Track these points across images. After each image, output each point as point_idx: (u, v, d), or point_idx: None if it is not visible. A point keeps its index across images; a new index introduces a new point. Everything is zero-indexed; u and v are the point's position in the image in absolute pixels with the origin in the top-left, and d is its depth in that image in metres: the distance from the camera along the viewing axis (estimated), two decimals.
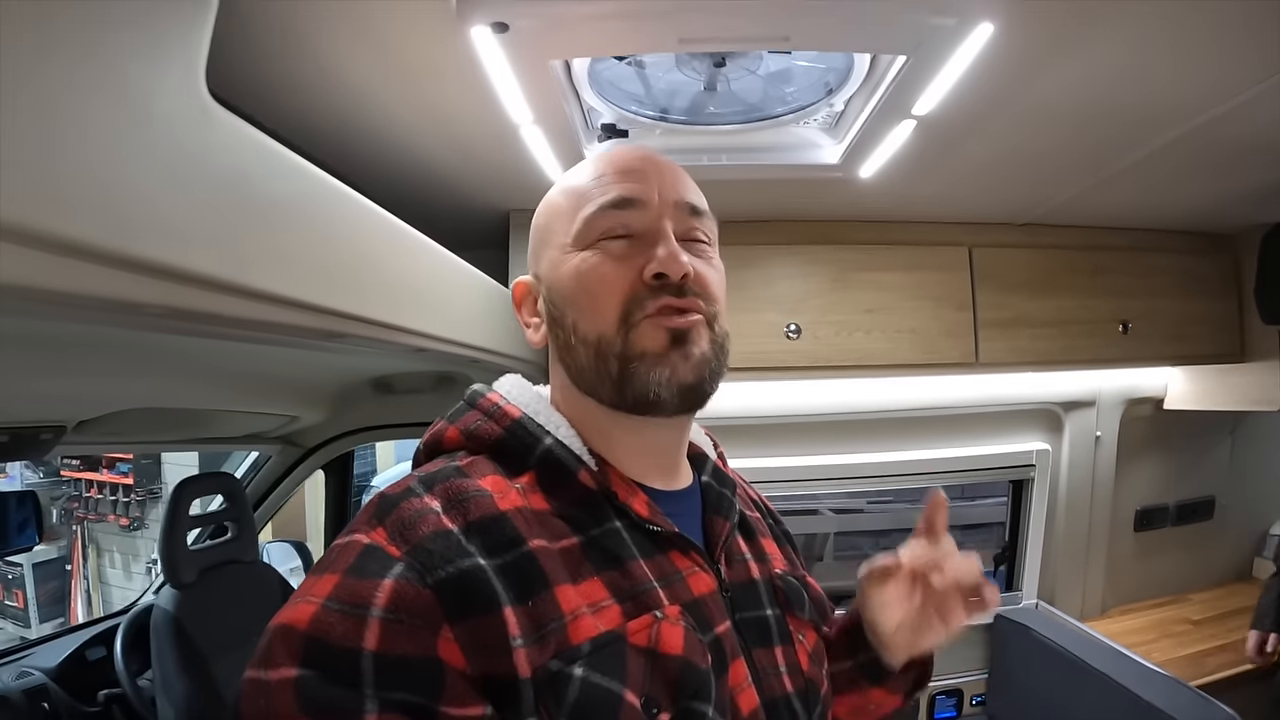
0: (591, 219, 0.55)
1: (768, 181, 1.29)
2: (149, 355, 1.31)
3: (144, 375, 1.41)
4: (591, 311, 0.54)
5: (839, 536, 2.52)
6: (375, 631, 0.41)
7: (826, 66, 1.02)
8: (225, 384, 1.62)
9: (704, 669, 0.49)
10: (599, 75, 1.01)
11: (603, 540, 0.51)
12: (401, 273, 0.84)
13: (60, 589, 5.25)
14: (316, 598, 0.42)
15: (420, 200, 1.41)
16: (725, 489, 0.64)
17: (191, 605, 1.67)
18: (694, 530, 0.59)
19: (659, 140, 1.16)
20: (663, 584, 0.52)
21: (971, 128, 1.12)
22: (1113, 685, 1.58)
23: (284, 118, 1.04)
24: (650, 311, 0.53)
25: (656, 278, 0.53)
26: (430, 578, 0.43)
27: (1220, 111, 1.12)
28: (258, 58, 0.86)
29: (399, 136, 1.12)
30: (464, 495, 0.48)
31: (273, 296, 0.57)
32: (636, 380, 0.53)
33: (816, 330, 1.67)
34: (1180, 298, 1.88)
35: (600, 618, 0.47)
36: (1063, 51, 0.93)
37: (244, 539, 1.91)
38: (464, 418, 0.57)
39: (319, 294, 0.64)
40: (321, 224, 0.64)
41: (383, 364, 1.76)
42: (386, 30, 0.81)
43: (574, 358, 0.56)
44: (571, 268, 0.56)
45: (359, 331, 0.72)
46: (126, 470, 5.15)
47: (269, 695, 0.40)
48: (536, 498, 0.51)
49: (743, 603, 0.58)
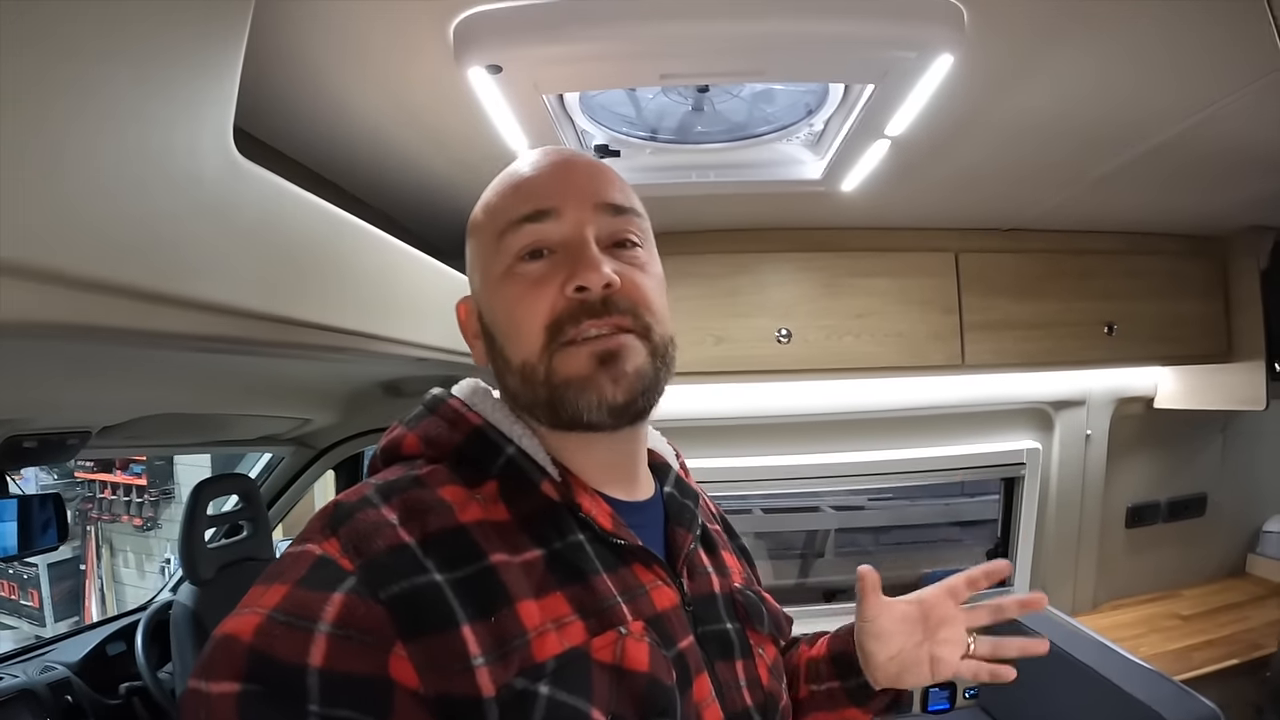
0: (507, 237, 0.53)
1: (754, 195, 1.35)
2: (172, 367, 1.37)
3: (166, 384, 1.47)
4: (515, 338, 0.53)
5: (840, 533, 2.56)
6: (322, 647, 0.39)
7: (805, 89, 1.08)
8: (242, 390, 1.68)
9: (669, 685, 0.48)
10: (590, 101, 1.07)
11: (565, 554, 0.50)
12: (407, 292, 0.91)
13: (75, 588, 5.34)
14: (263, 608, 0.41)
15: (424, 213, 1.48)
16: (688, 500, 0.63)
17: (209, 601, 1.73)
18: (656, 542, 0.58)
19: (649, 159, 1.22)
20: (626, 598, 0.50)
21: (945, 145, 1.17)
22: (1097, 678, 1.62)
23: (305, 147, 1.11)
24: (572, 337, 0.51)
25: (578, 290, 0.50)
26: (383, 593, 0.42)
27: (1188, 125, 1.14)
28: (276, 94, 0.93)
29: (405, 158, 1.19)
30: (423, 506, 0.47)
31: (290, 320, 0.64)
32: (566, 405, 0.51)
33: (807, 334, 1.72)
34: (1166, 299, 1.91)
35: (564, 634, 0.46)
36: (1025, 73, 0.97)
37: (259, 537, 1.97)
38: (423, 424, 0.55)
39: (333, 316, 0.71)
40: (335, 254, 0.71)
41: (390, 370, 1.82)
42: (388, 68, 0.88)
43: (510, 384, 0.55)
44: (495, 293, 0.54)
45: (367, 347, 0.79)
46: (140, 472, 5.23)
47: (209, 708, 0.38)
48: (498, 508, 0.50)
49: (704, 617, 0.57)
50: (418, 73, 0.87)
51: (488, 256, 0.55)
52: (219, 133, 0.52)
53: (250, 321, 0.59)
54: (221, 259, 0.52)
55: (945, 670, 0.64)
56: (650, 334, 0.53)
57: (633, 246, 0.55)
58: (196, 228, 0.49)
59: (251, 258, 0.55)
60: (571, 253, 0.52)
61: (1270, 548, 2.43)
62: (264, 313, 0.58)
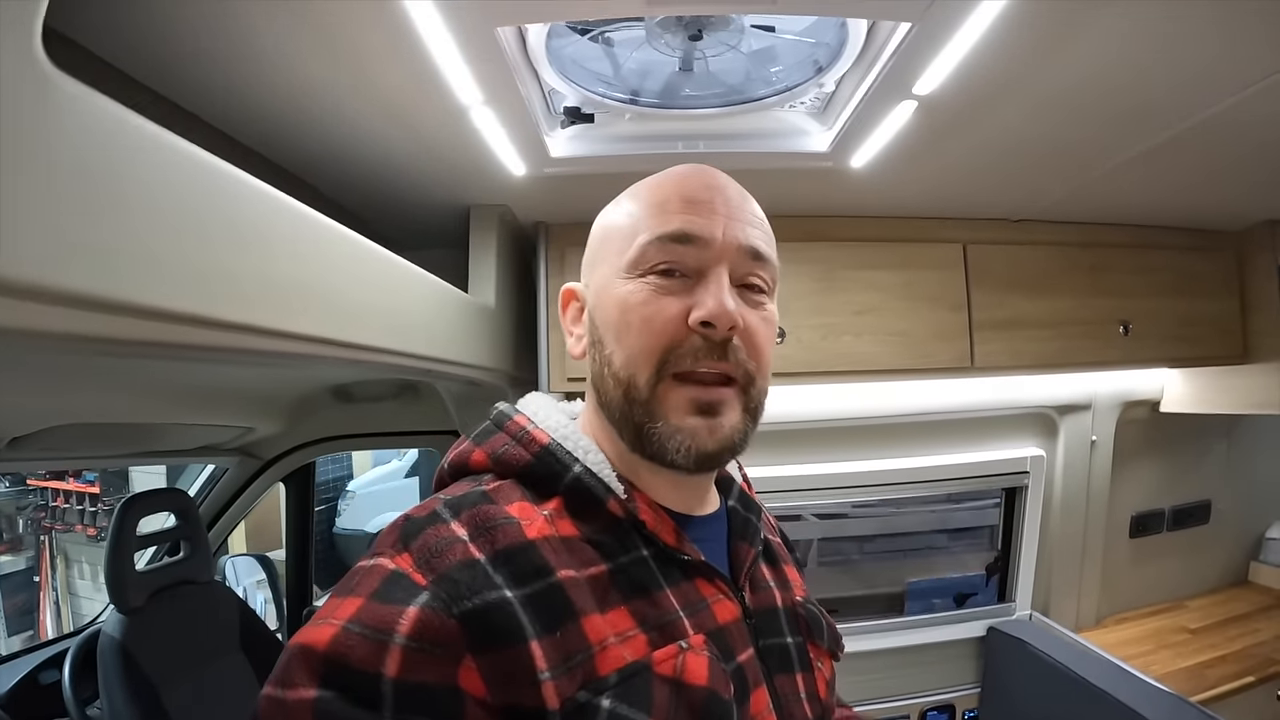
0: (646, 248, 0.53)
1: (749, 172, 1.18)
2: (83, 370, 1.20)
3: (79, 390, 1.31)
4: (628, 348, 0.53)
5: (822, 543, 2.45)
6: (397, 658, 0.41)
7: (816, 41, 0.92)
8: (169, 397, 1.52)
9: (727, 699, 0.49)
10: (560, 52, 0.90)
11: (630, 569, 0.51)
12: (345, 282, 0.74)
13: (29, 601, 5.09)
14: (338, 620, 0.42)
15: (370, 194, 1.30)
16: (751, 514, 0.64)
17: (140, 631, 1.58)
18: (719, 556, 0.59)
19: (629, 125, 1.06)
20: (688, 612, 0.52)
21: (973, 112, 1.03)
22: (1112, 702, 1.52)
23: (210, 102, 0.92)
24: (682, 370, 0.52)
25: (703, 325, 0.51)
26: (456, 608, 0.43)
27: (1230, 103, 1.06)
28: (175, 33, 0.75)
29: (343, 125, 1.01)
30: (492, 523, 0.48)
31: (173, 315, 0.47)
32: (654, 440, 0.52)
33: (801, 334, 1.57)
34: (1180, 297, 1.81)
35: (626, 647, 0.47)
36: (1071, 31, 0.85)
37: (197, 558, 1.82)
38: (490, 440, 0.56)
39: (242, 312, 0.54)
40: (233, 229, 0.53)
41: (339, 373, 1.65)
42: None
43: (605, 388, 0.55)
44: (618, 295, 0.54)
45: (292, 349, 0.62)
46: (93, 479, 5.02)
47: (286, 714, 0.40)
48: (564, 523, 0.51)
49: (765, 630, 0.58)
50: (347, 3, 0.69)
51: (616, 258, 0.55)
52: (19, 28, 0.35)
53: (103, 318, 0.42)
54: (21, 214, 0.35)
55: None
56: (751, 387, 0.54)
57: (759, 292, 0.56)
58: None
59: (67, 212, 0.38)
60: (704, 284, 0.53)
61: (1274, 555, 2.37)
62: (111, 300, 0.41)
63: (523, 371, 1.56)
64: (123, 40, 0.75)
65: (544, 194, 1.32)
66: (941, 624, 1.98)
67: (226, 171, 0.52)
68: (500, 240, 1.47)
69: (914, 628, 1.97)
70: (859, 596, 2.06)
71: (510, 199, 1.40)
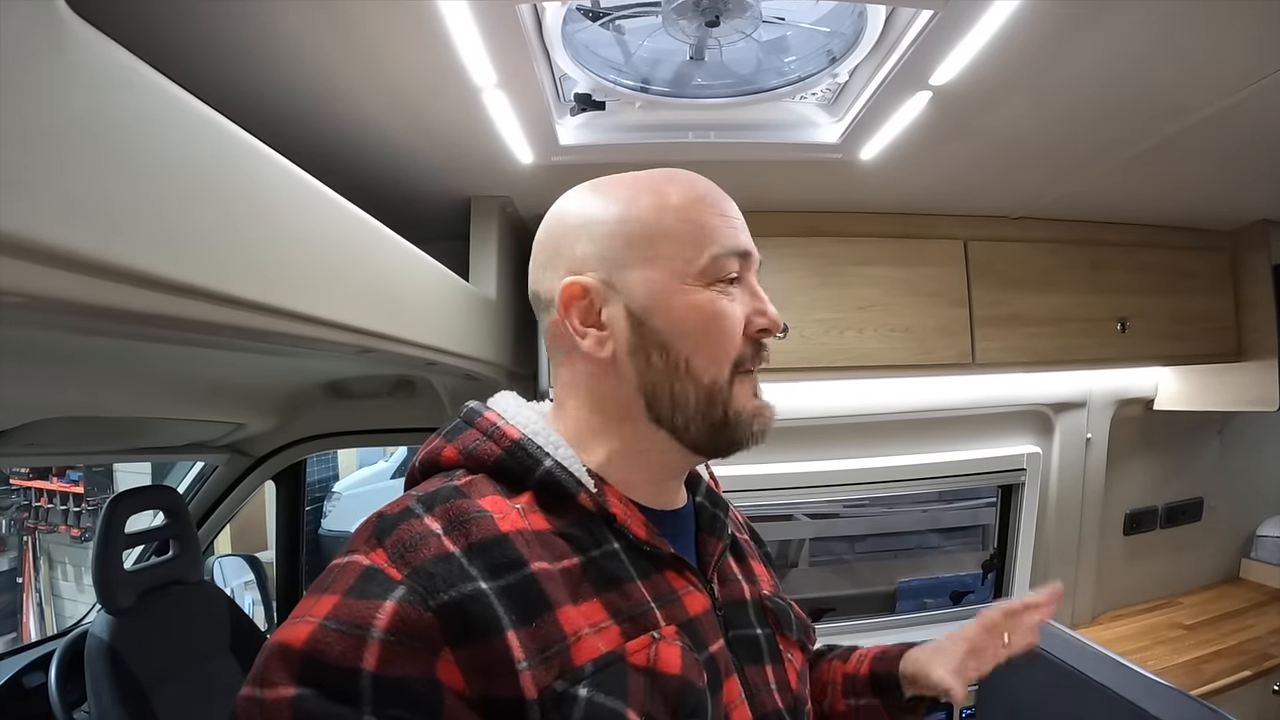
0: (724, 261, 0.56)
1: (756, 164, 1.18)
2: (71, 360, 1.17)
3: (64, 382, 1.27)
4: (711, 353, 0.55)
5: (814, 542, 2.45)
6: (375, 652, 0.41)
7: (831, 31, 0.91)
8: (158, 390, 1.48)
9: (701, 687, 0.50)
10: (573, 37, 0.89)
11: (602, 561, 0.52)
12: (359, 265, 0.72)
13: (12, 603, 5.00)
14: (315, 617, 0.42)
15: (372, 185, 1.27)
16: (718, 510, 0.66)
17: (129, 632, 1.53)
18: (688, 549, 0.61)
19: (639, 114, 1.05)
20: (659, 604, 0.53)
21: (986, 102, 1.03)
22: (1114, 698, 1.51)
23: (213, 85, 0.90)
24: (749, 368, 0.57)
25: (762, 332, 0.57)
26: (433, 601, 0.43)
27: (1236, 99, 1.06)
28: (192, 16, 0.73)
29: (350, 110, 0.99)
30: (465, 516, 0.48)
31: (183, 287, 0.45)
32: (738, 429, 0.56)
33: (803, 329, 1.56)
34: (1175, 295, 1.83)
35: (600, 638, 0.48)
36: (1088, 24, 0.85)
37: (187, 558, 1.76)
38: (461, 437, 0.56)
39: (259, 290, 0.52)
40: (245, 199, 0.51)
41: (333, 367, 1.62)
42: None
43: (672, 392, 0.56)
44: (694, 302, 0.55)
45: (282, 328, 0.59)
46: (77, 479, 4.93)
47: (265, 714, 0.40)
48: (536, 517, 0.52)
49: (735, 621, 0.60)
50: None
51: (681, 264, 0.55)
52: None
53: (96, 282, 0.39)
54: (29, 167, 0.32)
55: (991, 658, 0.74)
56: None
57: None
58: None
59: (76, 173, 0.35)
60: (754, 292, 0.58)
61: (1265, 552, 2.40)
62: (111, 265, 0.38)
63: (520, 367, 1.54)
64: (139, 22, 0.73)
65: (549, 185, 1.30)
66: (936, 622, 1.98)
67: (243, 139, 0.50)
68: (501, 233, 1.45)
69: (906, 626, 1.97)
70: (850, 596, 2.06)
71: (514, 190, 1.38)
